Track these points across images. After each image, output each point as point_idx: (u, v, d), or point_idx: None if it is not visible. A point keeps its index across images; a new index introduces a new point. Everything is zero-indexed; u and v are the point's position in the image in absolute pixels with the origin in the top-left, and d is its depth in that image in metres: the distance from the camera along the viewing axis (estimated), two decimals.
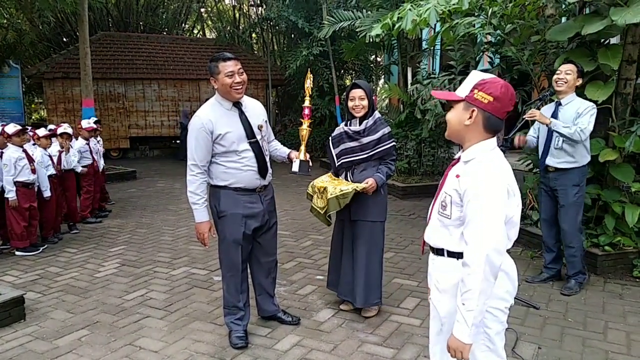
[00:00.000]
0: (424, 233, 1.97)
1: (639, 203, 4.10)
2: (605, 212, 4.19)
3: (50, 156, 5.74)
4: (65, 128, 6.20)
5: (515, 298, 1.87)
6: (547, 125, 3.61)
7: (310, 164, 3.20)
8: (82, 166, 6.49)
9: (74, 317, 3.58)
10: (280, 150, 3.30)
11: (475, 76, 1.77)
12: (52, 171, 5.68)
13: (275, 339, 3.18)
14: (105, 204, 7.30)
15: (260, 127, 3.02)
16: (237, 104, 2.95)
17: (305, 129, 3.17)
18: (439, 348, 1.96)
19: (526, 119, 3.66)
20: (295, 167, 3.15)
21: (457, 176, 1.74)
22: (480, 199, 1.65)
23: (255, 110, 3.06)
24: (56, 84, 13.16)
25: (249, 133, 2.95)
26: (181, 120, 13.83)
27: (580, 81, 3.68)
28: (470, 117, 1.72)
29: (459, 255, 1.77)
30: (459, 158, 1.81)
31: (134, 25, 17.69)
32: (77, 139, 6.74)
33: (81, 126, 6.98)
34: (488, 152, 1.73)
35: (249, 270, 3.25)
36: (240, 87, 2.87)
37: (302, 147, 3.16)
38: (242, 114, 2.95)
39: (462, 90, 1.77)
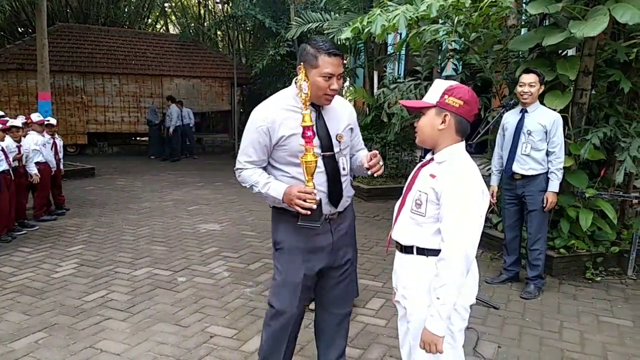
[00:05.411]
0: (390, 232, 2.00)
1: (593, 208, 4.28)
2: (561, 217, 4.35)
3: (3, 150, 5.49)
4: (13, 122, 5.90)
5: (476, 298, 1.94)
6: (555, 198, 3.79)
7: (326, 213, 2.25)
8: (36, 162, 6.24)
9: (30, 319, 3.44)
10: (358, 159, 2.41)
11: (441, 83, 1.84)
12: (5, 166, 5.43)
13: (242, 340, 3.15)
14: (62, 200, 7.01)
15: (339, 138, 2.27)
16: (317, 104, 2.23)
17: (310, 160, 2.07)
18: (407, 348, 2.00)
19: (545, 210, 3.81)
20: (302, 218, 2.15)
21: (433, 176, 1.80)
22: (460, 198, 1.73)
23: (339, 113, 2.30)
24: (10, 75, 12.61)
25: (325, 144, 2.20)
26: (149, 117, 13.48)
27: (542, 88, 3.78)
28: (444, 122, 1.80)
29: (428, 252, 1.82)
30: (430, 159, 1.88)
31: (94, 17, 17.13)
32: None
33: (31, 120, 6.67)
34: (460, 154, 1.83)
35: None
36: (334, 95, 2.19)
37: (310, 184, 2.11)
38: (319, 118, 2.22)
39: (431, 97, 1.83)
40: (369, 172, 2.20)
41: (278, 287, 2.33)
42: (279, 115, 2.17)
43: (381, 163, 2.23)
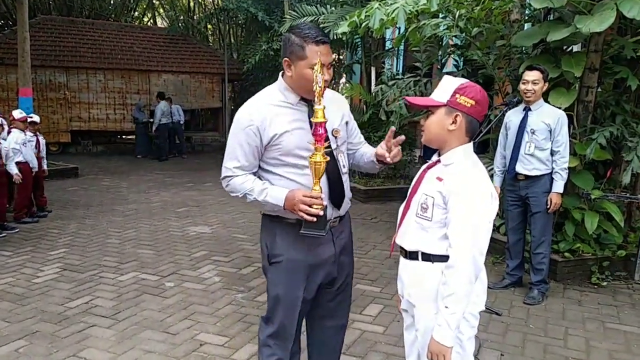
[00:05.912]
0: (394, 236, 1.93)
1: (598, 210, 4.21)
2: (566, 219, 4.28)
3: None
4: None
5: None
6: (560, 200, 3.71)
7: (329, 217, 2.03)
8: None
9: (10, 326, 3.36)
10: (367, 155, 2.22)
11: (451, 81, 1.78)
12: None
13: (233, 348, 3.08)
14: (44, 202, 6.78)
15: (336, 133, 2.09)
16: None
17: (320, 161, 1.87)
18: (414, 358, 1.95)
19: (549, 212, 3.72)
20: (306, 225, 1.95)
21: (440, 179, 1.75)
22: (468, 201, 1.68)
23: (333, 107, 2.08)
24: None
25: None
26: (135, 114, 13.24)
27: (546, 85, 3.71)
28: (454, 122, 1.74)
29: (434, 258, 1.76)
30: (436, 161, 1.82)
31: (78, 9, 16.83)
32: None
33: (13, 117, 6.42)
34: (469, 155, 1.78)
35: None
36: (325, 86, 1.98)
37: (317, 188, 1.91)
38: (312, 113, 1.99)
39: (441, 96, 1.76)
40: (389, 160, 2.01)
41: (275, 303, 2.12)
42: (268, 112, 1.99)
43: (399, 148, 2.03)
